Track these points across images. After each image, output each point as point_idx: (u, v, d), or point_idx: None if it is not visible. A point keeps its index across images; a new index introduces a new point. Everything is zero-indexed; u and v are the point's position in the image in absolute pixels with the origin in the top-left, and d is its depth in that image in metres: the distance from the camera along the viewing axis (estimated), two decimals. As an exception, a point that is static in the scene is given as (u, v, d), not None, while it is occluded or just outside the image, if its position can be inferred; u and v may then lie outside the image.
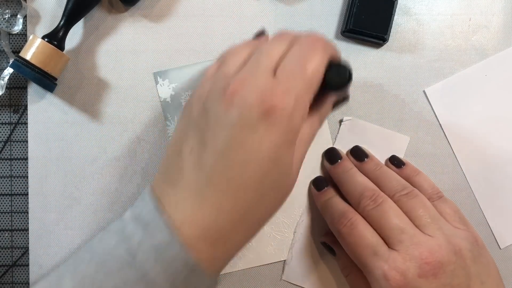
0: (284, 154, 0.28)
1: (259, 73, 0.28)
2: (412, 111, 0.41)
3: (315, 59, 0.29)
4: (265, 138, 0.27)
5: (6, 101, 0.41)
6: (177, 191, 0.28)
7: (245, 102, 0.27)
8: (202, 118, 0.29)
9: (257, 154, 0.27)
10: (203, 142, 0.28)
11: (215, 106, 0.28)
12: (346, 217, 0.35)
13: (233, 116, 0.27)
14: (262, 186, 0.28)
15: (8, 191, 0.41)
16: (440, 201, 0.37)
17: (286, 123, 0.28)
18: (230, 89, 0.28)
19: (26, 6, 0.40)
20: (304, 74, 0.28)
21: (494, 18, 0.41)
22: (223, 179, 0.28)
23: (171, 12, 0.41)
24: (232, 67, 0.30)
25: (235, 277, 0.41)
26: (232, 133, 0.27)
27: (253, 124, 0.27)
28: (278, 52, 0.29)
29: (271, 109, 0.27)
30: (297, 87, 0.28)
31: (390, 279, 0.32)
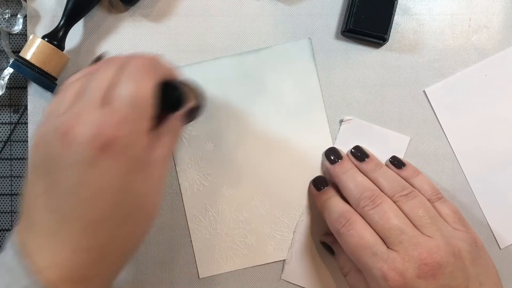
0: (131, 182, 0.28)
1: (90, 105, 0.28)
2: (412, 111, 0.41)
3: (143, 83, 0.29)
4: (107, 171, 0.27)
5: (6, 101, 0.41)
6: (37, 236, 0.28)
7: (80, 139, 0.27)
8: (44, 161, 0.28)
9: (103, 188, 0.27)
10: (49, 185, 0.28)
11: (54, 147, 0.28)
12: (345, 217, 0.35)
13: (72, 155, 0.27)
14: (116, 217, 0.28)
15: (8, 191, 0.41)
16: (440, 202, 0.37)
17: (126, 152, 0.27)
18: (64, 128, 0.27)
19: (26, 6, 0.40)
20: (133, 100, 0.28)
21: (494, 18, 0.41)
22: (75, 218, 0.27)
23: (171, 11, 0.41)
24: (65, 103, 0.29)
25: (235, 276, 0.41)
26: (74, 172, 0.27)
27: (93, 160, 0.27)
28: (107, 80, 0.29)
29: (107, 142, 0.27)
30: (129, 115, 0.28)
31: (389, 279, 0.32)
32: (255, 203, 0.41)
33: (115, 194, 0.28)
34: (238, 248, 0.40)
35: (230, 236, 0.41)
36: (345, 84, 0.41)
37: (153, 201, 0.30)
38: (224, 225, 0.41)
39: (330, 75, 0.41)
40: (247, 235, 0.41)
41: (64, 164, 0.27)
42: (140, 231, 0.30)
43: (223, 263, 0.40)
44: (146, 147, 0.29)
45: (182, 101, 0.32)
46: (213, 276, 0.41)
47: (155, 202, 0.30)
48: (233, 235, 0.41)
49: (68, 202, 0.27)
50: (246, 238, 0.41)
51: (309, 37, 0.41)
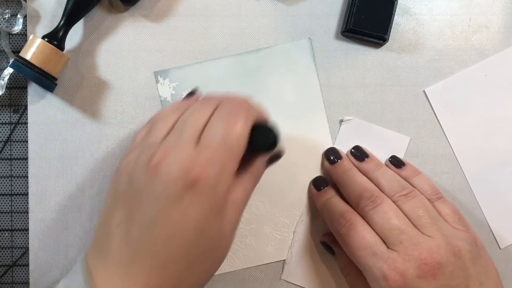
0: (211, 223, 0.28)
1: (182, 143, 0.28)
2: (412, 111, 0.41)
3: (237, 125, 0.29)
4: (189, 210, 0.27)
5: (6, 101, 0.41)
6: (106, 265, 0.28)
7: (168, 174, 0.27)
8: (128, 191, 0.29)
9: (182, 227, 0.27)
10: (129, 215, 0.28)
11: (140, 179, 0.28)
12: (344, 218, 0.35)
13: (158, 188, 0.27)
14: (189, 258, 0.28)
15: (8, 191, 0.41)
16: (440, 202, 0.37)
17: (211, 193, 0.27)
18: (155, 160, 0.28)
19: (26, 6, 0.40)
20: (226, 141, 0.28)
21: (494, 18, 0.41)
22: (150, 254, 0.27)
23: (171, 12, 0.41)
24: (158, 135, 0.30)
25: (235, 276, 0.41)
26: (157, 206, 0.27)
27: (178, 196, 0.27)
28: (202, 119, 0.29)
29: (195, 180, 0.27)
30: (219, 155, 0.28)
31: (389, 279, 0.32)
32: (255, 203, 0.41)
33: (193, 234, 0.28)
34: (238, 248, 0.41)
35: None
36: (345, 84, 0.41)
37: (225, 245, 0.30)
38: (224, 225, 0.41)
39: (330, 75, 0.41)
40: (247, 235, 0.41)
41: (148, 197, 0.27)
42: (210, 271, 0.30)
43: (223, 263, 0.40)
44: (229, 187, 0.29)
45: (276, 145, 0.31)
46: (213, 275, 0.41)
47: (227, 246, 0.30)
48: (233, 235, 0.41)
49: (146, 236, 0.27)
50: (246, 238, 0.41)
51: (309, 37, 0.41)
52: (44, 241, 0.40)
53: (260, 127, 0.30)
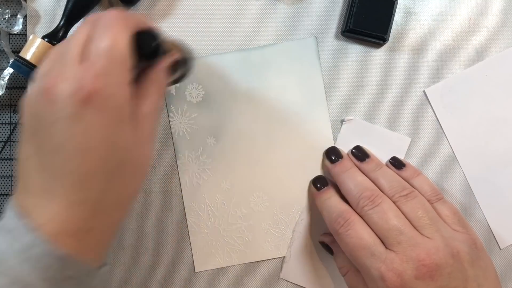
0: (118, 134, 0.29)
1: (67, 63, 0.28)
2: (412, 111, 0.41)
3: (115, 34, 0.29)
4: (90, 124, 0.28)
5: (6, 101, 0.41)
6: (31, 196, 0.29)
7: (61, 95, 0.27)
8: (31, 122, 0.29)
9: (89, 141, 0.28)
10: (37, 145, 0.29)
11: (38, 106, 0.28)
12: (343, 218, 0.35)
13: (55, 112, 0.28)
14: (106, 171, 0.29)
15: (8, 191, 0.41)
16: (440, 203, 0.37)
17: (108, 103, 0.28)
18: (46, 86, 0.28)
19: (26, 6, 0.40)
20: (109, 51, 0.28)
21: (494, 18, 0.41)
22: (65, 173, 0.28)
23: (171, 12, 0.41)
24: (46, 66, 0.30)
25: (233, 274, 0.41)
26: (59, 128, 0.28)
27: (76, 114, 0.27)
28: (82, 37, 0.29)
29: (88, 95, 0.27)
30: (107, 65, 0.28)
31: (386, 280, 0.32)
32: (254, 199, 0.41)
33: (102, 146, 0.28)
34: (236, 244, 0.41)
35: (227, 231, 0.41)
36: (345, 84, 0.41)
37: (144, 154, 0.31)
38: (222, 220, 0.41)
39: (330, 75, 0.41)
40: (245, 231, 0.41)
41: (49, 122, 0.28)
42: (133, 183, 0.31)
43: (220, 258, 0.40)
44: (129, 98, 0.29)
45: (161, 51, 0.31)
46: (213, 274, 0.41)
47: (146, 154, 0.31)
48: (230, 230, 0.41)
49: (57, 159, 0.28)
50: (244, 234, 0.41)
51: (315, 36, 0.41)
52: (44, 241, 0.40)
53: (141, 34, 0.30)
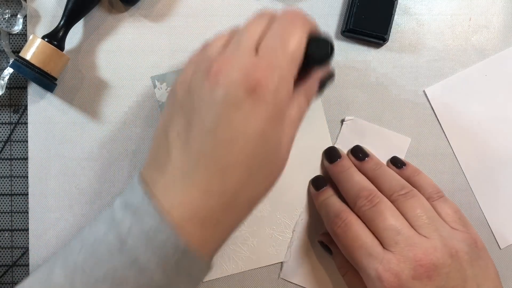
0: (272, 130, 0.28)
1: (241, 51, 0.28)
2: (412, 111, 0.41)
3: (295, 34, 0.29)
4: (251, 114, 0.27)
5: (6, 101, 0.41)
6: (166, 175, 0.28)
7: (229, 80, 0.27)
8: (187, 100, 0.29)
9: (244, 131, 0.27)
10: (189, 123, 0.28)
11: (200, 87, 0.28)
12: (340, 218, 0.35)
13: (218, 94, 0.27)
14: (250, 164, 0.28)
15: (8, 191, 0.41)
16: (441, 201, 0.36)
17: (272, 98, 0.27)
18: (214, 68, 0.28)
19: (26, 6, 0.40)
20: (286, 49, 0.28)
21: (494, 18, 0.41)
22: (211, 159, 0.27)
23: (171, 12, 0.41)
24: (214, 50, 0.30)
25: (233, 274, 0.41)
26: (218, 111, 0.27)
27: (239, 101, 0.27)
28: (258, 31, 0.29)
29: (256, 85, 0.27)
30: (279, 62, 0.28)
31: (384, 280, 0.32)
32: (256, 204, 0.41)
33: (255, 139, 0.28)
34: (241, 251, 0.40)
35: (232, 238, 0.40)
36: (345, 84, 0.41)
37: (284, 156, 0.30)
38: (225, 227, 0.41)
39: (330, 75, 0.41)
40: (249, 237, 0.41)
41: (209, 103, 0.27)
42: (268, 182, 0.30)
43: (226, 266, 0.40)
44: (289, 97, 0.29)
45: (330, 57, 0.31)
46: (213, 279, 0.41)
47: (285, 157, 0.30)
48: (235, 237, 0.40)
49: (207, 141, 0.27)
50: (248, 240, 0.41)
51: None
52: (44, 241, 0.40)
53: (315, 39, 0.30)
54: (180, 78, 0.30)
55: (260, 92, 0.27)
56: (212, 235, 0.29)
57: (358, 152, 0.39)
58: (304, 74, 0.31)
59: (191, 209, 0.27)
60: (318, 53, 0.30)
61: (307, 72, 0.32)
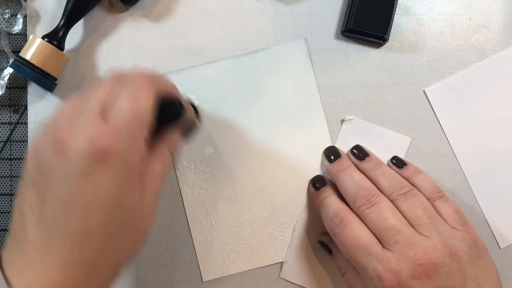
0: (125, 195, 0.28)
1: (86, 118, 0.27)
2: (412, 111, 0.41)
3: (142, 96, 0.28)
4: (101, 183, 0.27)
5: (6, 101, 0.41)
6: (24, 252, 0.27)
7: (75, 151, 0.26)
8: (37, 174, 0.28)
9: (96, 200, 0.27)
10: (41, 197, 0.27)
11: (47, 159, 0.27)
12: (339, 217, 0.35)
13: (66, 166, 0.27)
14: (107, 231, 0.28)
15: (8, 191, 0.41)
16: (441, 201, 0.36)
17: (122, 164, 0.27)
18: (59, 139, 0.27)
19: (26, 6, 0.40)
20: (133, 112, 0.28)
21: (494, 18, 0.41)
22: (67, 231, 0.27)
23: (171, 12, 0.41)
24: (61, 117, 0.29)
25: (233, 275, 0.41)
26: (67, 183, 0.27)
27: (87, 171, 0.26)
28: (104, 94, 0.29)
29: (103, 154, 0.26)
30: (126, 126, 0.28)
31: (383, 279, 0.32)
32: (256, 205, 0.41)
33: (108, 207, 0.27)
34: (241, 251, 0.40)
35: (232, 238, 0.40)
36: (345, 84, 0.41)
37: (146, 217, 0.30)
38: (226, 228, 0.41)
39: (330, 75, 0.41)
40: (249, 237, 0.41)
41: (57, 175, 0.27)
42: (131, 246, 0.30)
43: (226, 266, 0.40)
44: (142, 160, 0.29)
45: (181, 116, 0.32)
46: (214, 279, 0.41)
47: (148, 218, 0.30)
48: (235, 237, 0.41)
49: (60, 214, 0.27)
50: (248, 240, 0.41)
51: (305, 37, 0.41)
52: (44, 241, 0.40)
53: (164, 100, 0.30)
54: (31, 151, 0.30)
55: (107, 160, 0.27)
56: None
57: (358, 152, 0.39)
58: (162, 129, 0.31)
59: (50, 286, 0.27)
60: (167, 114, 0.31)
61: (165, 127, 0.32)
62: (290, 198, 0.41)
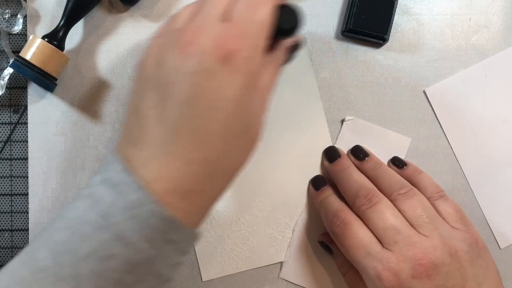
0: (247, 97, 0.28)
1: (210, 19, 0.28)
2: (412, 111, 0.41)
3: (265, 3, 0.29)
4: (226, 83, 0.27)
5: (6, 101, 0.41)
6: (144, 149, 0.28)
7: (201, 49, 0.27)
8: (158, 73, 0.28)
9: (220, 100, 0.27)
10: (163, 95, 0.28)
11: (171, 58, 0.27)
12: (338, 217, 0.35)
13: (192, 65, 0.27)
14: (228, 132, 0.28)
15: (8, 191, 0.41)
16: (442, 200, 0.36)
17: (244, 66, 0.27)
18: (184, 38, 0.27)
19: (26, 6, 0.40)
20: (256, 17, 0.28)
21: (494, 18, 0.41)
22: (189, 130, 0.27)
23: (171, 12, 0.41)
24: (182, 20, 0.29)
25: (233, 275, 0.41)
26: (192, 82, 0.27)
27: (212, 71, 0.27)
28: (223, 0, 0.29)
29: (228, 54, 0.27)
30: (250, 30, 0.28)
31: (383, 279, 0.32)
32: (256, 204, 0.41)
33: (231, 108, 0.27)
34: (241, 251, 0.40)
35: (232, 238, 0.40)
36: (345, 84, 0.41)
37: (259, 123, 0.30)
38: (226, 228, 0.41)
39: (330, 75, 0.41)
40: (249, 237, 0.41)
41: (182, 75, 0.27)
42: (247, 151, 0.30)
43: (226, 265, 0.40)
44: (260, 65, 0.29)
45: (298, 27, 0.31)
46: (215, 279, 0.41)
47: (262, 124, 0.30)
48: (235, 237, 0.41)
49: (183, 113, 0.27)
50: (248, 240, 0.41)
51: (305, 37, 0.41)
52: (44, 241, 0.40)
53: (283, 9, 0.30)
54: (148, 52, 0.30)
55: (233, 60, 0.27)
56: (196, 206, 0.29)
57: (358, 152, 0.39)
58: (272, 44, 0.31)
59: (172, 181, 0.27)
60: (286, 24, 0.30)
61: (275, 41, 0.31)
62: (290, 198, 0.41)
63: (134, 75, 0.31)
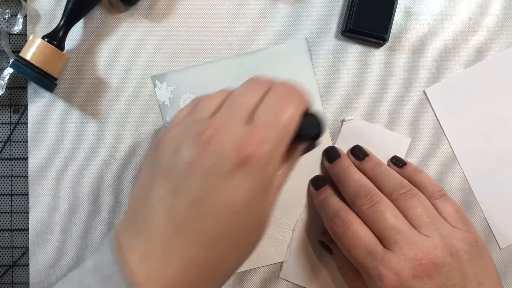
0: (258, 203, 0.28)
1: (234, 120, 0.27)
2: (412, 111, 0.41)
3: (291, 109, 0.28)
4: (239, 187, 0.26)
5: (6, 101, 0.41)
6: (143, 242, 0.27)
7: (221, 150, 0.26)
8: (174, 163, 0.27)
9: (232, 203, 0.26)
10: (175, 190, 0.27)
11: (189, 152, 0.27)
12: (339, 217, 0.35)
13: (207, 164, 0.26)
14: (234, 237, 0.27)
15: (8, 191, 0.41)
16: (442, 200, 0.36)
17: (261, 172, 0.27)
18: (206, 135, 0.27)
19: (26, 6, 0.40)
20: (280, 123, 0.28)
21: (494, 18, 0.41)
22: (195, 229, 0.26)
23: (171, 12, 0.41)
24: (206, 112, 0.29)
25: (234, 275, 0.41)
26: (206, 181, 0.26)
27: (228, 173, 0.26)
28: (253, 99, 0.29)
29: (247, 158, 0.26)
30: (272, 136, 0.27)
31: (384, 279, 0.32)
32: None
33: (241, 212, 0.27)
34: None
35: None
36: (345, 84, 0.41)
37: (264, 227, 0.29)
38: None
39: (330, 75, 0.41)
40: (248, 236, 0.41)
41: (198, 171, 0.26)
42: (248, 252, 0.29)
43: None
44: (276, 170, 0.28)
45: (318, 135, 0.31)
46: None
47: (264, 228, 0.30)
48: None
49: (193, 211, 0.26)
50: (247, 239, 0.41)
51: (305, 37, 0.41)
52: (44, 241, 0.40)
53: (308, 115, 0.30)
54: (166, 136, 0.29)
55: (250, 166, 0.26)
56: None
57: (357, 152, 0.39)
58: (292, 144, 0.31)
59: (168, 283, 0.26)
60: (308, 131, 0.30)
61: (295, 143, 0.31)
62: (290, 198, 0.41)
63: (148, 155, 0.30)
